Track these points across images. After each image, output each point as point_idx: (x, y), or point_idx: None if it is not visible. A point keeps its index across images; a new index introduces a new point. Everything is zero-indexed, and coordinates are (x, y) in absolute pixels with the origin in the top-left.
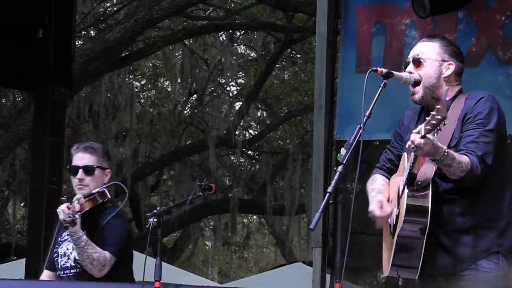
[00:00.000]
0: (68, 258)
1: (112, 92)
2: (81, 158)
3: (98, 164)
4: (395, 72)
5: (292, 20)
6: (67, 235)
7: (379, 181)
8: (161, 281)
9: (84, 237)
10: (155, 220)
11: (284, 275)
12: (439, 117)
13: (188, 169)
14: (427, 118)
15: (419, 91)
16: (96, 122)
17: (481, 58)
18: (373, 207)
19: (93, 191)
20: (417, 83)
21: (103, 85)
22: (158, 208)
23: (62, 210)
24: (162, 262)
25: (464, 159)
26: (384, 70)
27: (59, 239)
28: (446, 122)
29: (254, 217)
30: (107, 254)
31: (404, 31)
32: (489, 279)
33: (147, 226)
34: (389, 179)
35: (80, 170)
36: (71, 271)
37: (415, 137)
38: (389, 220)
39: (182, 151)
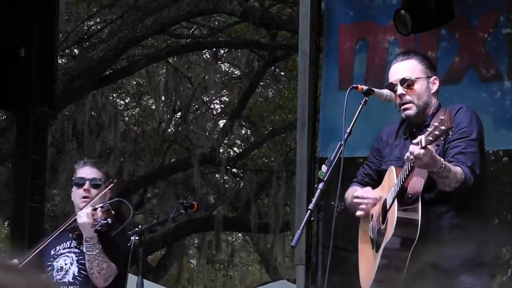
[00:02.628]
0: (66, 273)
1: (96, 111)
2: (89, 172)
3: (104, 180)
4: (375, 89)
5: (275, 37)
6: (65, 246)
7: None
8: None
9: (99, 245)
10: (137, 238)
11: None
12: (443, 127)
13: (172, 187)
14: (428, 129)
15: (412, 107)
16: (80, 141)
17: (463, 75)
18: (358, 192)
19: (98, 205)
20: (408, 102)
21: (87, 104)
22: (140, 226)
23: (86, 213)
24: (147, 281)
25: (458, 170)
26: (365, 87)
27: (52, 252)
28: (450, 133)
29: (239, 235)
30: (114, 266)
31: (387, 49)
32: None
33: (129, 244)
34: None
35: (87, 182)
36: (69, 287)
37: (415, 148)
38: (370, 234)
39: (166, 169)
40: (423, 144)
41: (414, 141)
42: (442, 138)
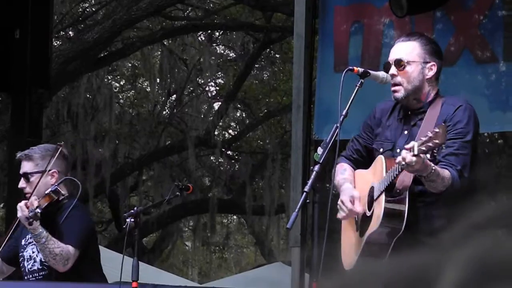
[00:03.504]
0: (35, 261)
1: (91, 93)
2: (22, 167)
3: (34, 170)
4: (371, 72)
5: (270, 20)
6: (30, 236)
7: (348, 172)
8: (138, 281)
9: (44, 233)
10: (132, 220)
11: (263, 275)
12: (437, 141)
13: (168, 169)
14: (422, 138)
15: (400, 90)
16: (75, 123)
17: (458, 57)
18: (345, 199)
19: (47, 192)
20: (397, 84)
21: (82, 86)
22: (135, 208)
23: (20, 207)
24: (142, 263)
25: (446, 174)
26: (361, 70)
27: (23, 242)
28: (444, 147)
29: (234, 217)
30: (69, 247)
31: (382, 31)
32: None
33: (124, 226)
34: (354, 169)
35: (22, 179)
36: (40, 273)
37: (407, 155)
38: (356, 217)
39: (161, 152)
40: (416, 152)
41: (407, 146)
42: (435, 151)
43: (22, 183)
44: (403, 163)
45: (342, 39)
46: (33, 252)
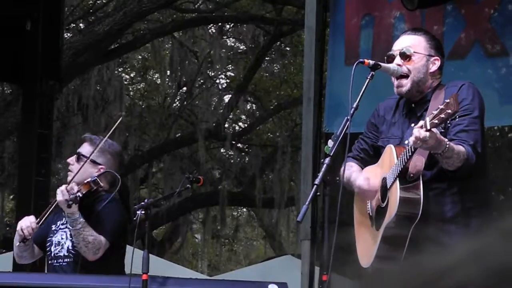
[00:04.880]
0: (62, 248)
1: (101, 85)
2: (81, 147)
3: (90, 156)
4: (382, 64)
5: (281, 13)
6: (63, 221)
7: (355, 167)
8: (148, 274)
9: (81, 219)
10: (142, 212)
11: (273, 268)
12: (449, 111)
13: (178, 161)
14: (433, 112)
15: (406, 84)
16: (85, 115)
17: (468, 51)
18: (361, 182)
19: (85, 180)
20: (403, 76)
21: (92, 78)
22: (146, 200)
23: (61, 191)
24: (151, 255)
25: (461, 149)
26: (371, 62)
27: (53, 227)
28: (457, 116)
29: (244, 209)
30: (102, 238)
31: (393, 24)
32: None
33: (134, 218)
34: (362, 168)
35: (75, 156)
36: (64, 260)
37: (420, 131)
38: (369, 211)
39: (171, 144)
40: (428, 127)
41: (418, 124)
42: (448, 122)
43: (71, 159)
44: (417, 141)
45: (353, 32)
46: (62, 238)
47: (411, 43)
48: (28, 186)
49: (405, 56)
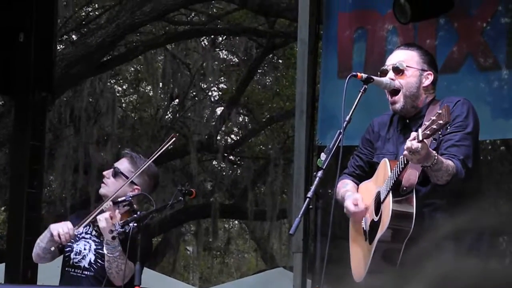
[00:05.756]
0: (83, 258)
1: (94, 97)
2: (120, 162)
3: (128, 174)
4: (375, 78)
5: (274, 25)
6: (87, 231)
7: (350, 185)
8: (141, 286)
9: (120, 247)
10: (135, 225)
11: (265, 281)
12: (441, 121)
13: (170, 174)
14: (425, 123)
15: (399, 100)
16: (77, 127)
17: (461, 64)
18: (348, 203)
19: (120, 199)
20: (396, 91)
21: (85, 90)
22: (139, 212)
23: (105, 219)
24: (144, 267)
25: (450, 163)
26: (364, 75)
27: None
28: (449, 127)
29: (235, 222)
30: (132, 266)
31: (385, 37)
32: None
33: (127, 231)
34: (357, 184)
35: (112, 169)
36: (84, 272)
37: (412, 143)
38: (363, 225)
39: (164, 156)
40: (420, 138)
41: (411, 137)
42: (440, 133)
43: (108, 173)
44: (408, 152)
45: (345, 45)
46: (84, 249)
47: (404, 57)
48: (20, 198)
49: (398, 71)
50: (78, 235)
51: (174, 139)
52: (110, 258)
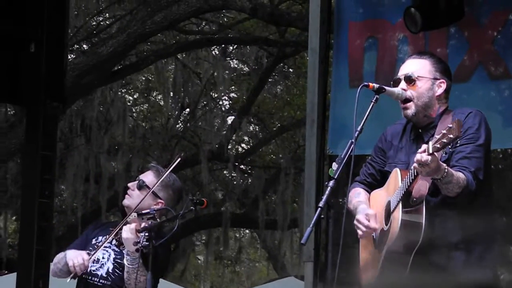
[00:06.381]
0: (101, 267)
1: (105, 106)
2: (146, 174)
3: (152, 187)
4: (387, 88)
5: (284, 34)
6: (109, 243)
7: (362, 195)
8: None
9: (140, 259)
10: (146, 234)
11: None
12: (451, 136)
13: (181, 183)
14: (436, 136)
15: (411, 107)
16: (88, 136)
17: (472, 73)
18: (361, 218)
19: (144, 211)
20: (408, 100)
21: (96, 99)
22: (150, 222)
23: (131, 230)
24: None
25: (460, 175)
26: (376, 85)
27: (94, 241)
28: (459, 142)
29: (246, 231)
30: (150, 276)
31: (396, 46)
32: None
33: (138, 242)
34: (369, 193)
35: (136, 182)
36: (100, 281)
37: (422, 155)
38: (373, 233)
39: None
40: (430, 151)
41: (420, 149)
42: (449, 146)
43: (132, 184)
44: (418, 165)
45: (356, 54)
46: (103, 258)
47: (416, 67)
48: (32, 208)
49: (410, 81)
50: (97, 243)
51: (179, 159)
52: (129, 269)
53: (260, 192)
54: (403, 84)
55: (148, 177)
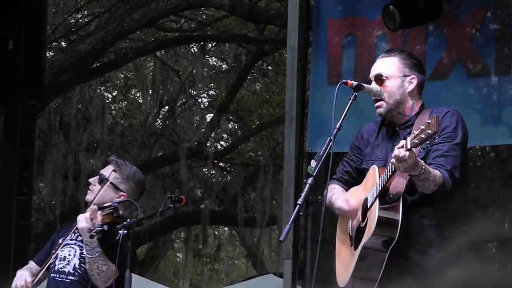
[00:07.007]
0: (68, 264)
1: (83, 104)
2: (106, 168)
3: (113, 181)
4: (365, 85)
5: (263, 32)
6: (72, 237)
7: (338, 189)
8: None
9: (99, 248)
10: (125, 231)
11: (255, 287)
12: (429, 131)
13: (160, 180)
14: (414, 132)
15: (382, 105)
16: (67, 134)
17: (450, 71)
18: (340, 203)
19: (106, 204)
20: (379, 99)
21: (74, 97)
22: (128, 220)
23: (85, 218)
24: (133, 274)
25: (437, 173)
26: (354, 83)
27: (60, 241)
28: (437, 137)
29: (225, 228)
30: (114, 268)
31: (375, 44)
32: None
33: (117, 238)
34: (346, 190)
35: (97, 176)
36: (68, 277)
37: (400, 151)
38: (349, 231)
39: (153, 163)
40: (408, 147)
41: (398, 145)
42: (427, 142)
43: (94, 180)
44: (395, 160)
45: (335, 52)
46: (69, 255)
47: (384, 66)
48: (10, 205)
49: (380, 80)
50: (62, 241)
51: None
52: (90, 259)
53: (239, 189)
54: (374, 84)
55: (107, 171)
